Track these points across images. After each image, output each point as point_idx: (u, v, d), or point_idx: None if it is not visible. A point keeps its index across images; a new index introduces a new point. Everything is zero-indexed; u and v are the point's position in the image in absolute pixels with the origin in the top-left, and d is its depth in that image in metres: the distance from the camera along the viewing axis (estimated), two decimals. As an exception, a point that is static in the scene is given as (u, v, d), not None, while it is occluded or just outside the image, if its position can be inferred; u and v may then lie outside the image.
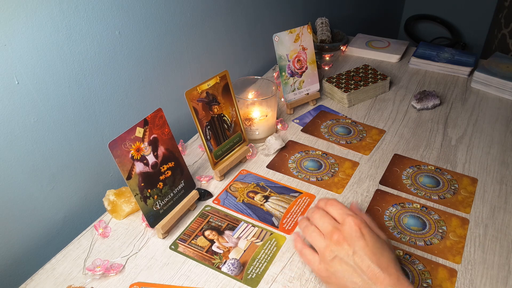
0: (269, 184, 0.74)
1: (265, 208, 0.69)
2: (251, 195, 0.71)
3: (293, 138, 0.85)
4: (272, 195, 0.71)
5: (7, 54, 0.54)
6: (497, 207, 0.68)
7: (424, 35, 2.42)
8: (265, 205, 0.69)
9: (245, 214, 0.68)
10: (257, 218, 0.67)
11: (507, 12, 1.51)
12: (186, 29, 0.82)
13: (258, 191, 0.72)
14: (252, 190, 0.72)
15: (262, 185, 0.73)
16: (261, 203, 0.70)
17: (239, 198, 0.71)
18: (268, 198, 0.71)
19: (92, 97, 0.68)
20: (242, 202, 0.70)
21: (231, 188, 0.73)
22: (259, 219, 0.67)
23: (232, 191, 0.72)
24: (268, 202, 0.70)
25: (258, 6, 1.04)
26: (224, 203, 0.70)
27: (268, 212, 0.68)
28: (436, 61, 1.09)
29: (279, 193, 0.72)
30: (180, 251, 0.62)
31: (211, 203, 0.70)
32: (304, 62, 0.91)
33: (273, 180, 0.74)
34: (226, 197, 0.71)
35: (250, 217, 0.67)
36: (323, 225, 0.54)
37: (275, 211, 0.68)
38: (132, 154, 0.58)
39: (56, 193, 0.66)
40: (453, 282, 0.57)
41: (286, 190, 0.72)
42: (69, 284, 0.57)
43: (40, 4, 0.56)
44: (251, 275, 0.58)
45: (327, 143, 0.84)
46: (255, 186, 0.73)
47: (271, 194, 0.72)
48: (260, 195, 0.71)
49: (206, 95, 0.70)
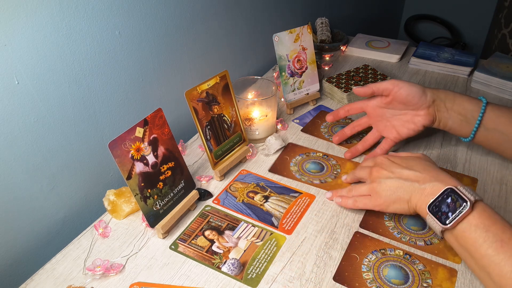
0: (269, 184, 0.74)
1: (265, 208, 0.69)
2: (251, 195, 0.71)
3: (293, 138, 0.85)
4: (272, 195, 0.71)
5: (7, 54, 0.54)
6: (497, 207, 0.68)
7: (424, 35, 2.42)
8: (265, 205, 0.69)
9: (244, 214, 0.68)
10: (257, 218, 0.67)
11: (507, 12, 1.51)
12: (186, 29, 0.82)
13: (258, 191, 0.72)
14: (252, 190, 0.72)
15: (262, 185, 0.73)
16: (261, 203, 0.70)
17: (239, 198, 0.71)
18: (268, 198, 0.71)
19: (92, 97, 0.68)
20: (242, 202, 0.70)
21: (231, 188, 0.73)
22: (258, 219, 0.67)
23: (232, 191, 0.72)
24: (268, 202, 0.70)
25: (258, 6, 1.04)
26: (224, 203, 0.70)
27: (268, 212, 0.68)
28: (436, 61, 1.09)
29: (279, 193, 0.72)
30: (180, 251, 0.62)
31: (211, 203, 0.70)
32: (304, 62, 0.91)
33: (273, 180, 0.74)
34: (226, 197, 0.71)
35: (250, 217, 0.67)
36: (363, 173, 0.67)
37: (275, 211, 0.68)
38: (132, 154, 0.58)
39: (56, 193, 0.66)
40: (453, 282, 0.57)
41: (286, 190, 0.72)
42: (69, 284, 0.57)
43: (40, 4, 0.56)
44: (251, 275, 0.58)
45: (327, 143, 0.84)
46: (255, 186, 0.73)
47: (271, 194, 0.72)
48: (260, 195, 0.71)
49: (206, 95, 0.70)
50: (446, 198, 0.54)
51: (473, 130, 0.70)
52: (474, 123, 0.69)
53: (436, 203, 0.55)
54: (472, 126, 0.70)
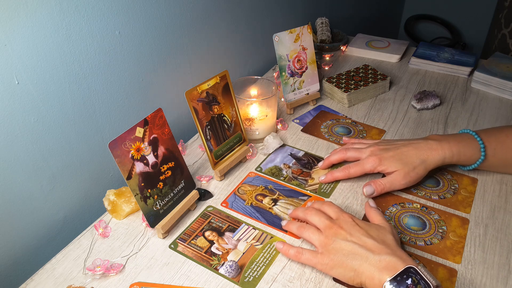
0: (278, 187, 0.73)
1: (273, 211, 0.68)
2: (260, 198, 0.71)
3: (293, 138, 0.85)
4: (280, 198, 0.71)
5: (7, 54, 0.54)
6: (497, 207, 0.68)
7: (424, 35, 2.42)
8: (274, 208, 0.69)
9: (253, 218, 0.67)
10: (266, 222, 0.66)
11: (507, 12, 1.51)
12: (186, 29, 0.82)
13: (266, 194, 0.72)
14: (260, 193, 0.72)
15: (271, 188, 0.73)
16: (269, 207, 0.69)
17: (247, 201, 0.70)
18: (277, 202, 0.70)
19: (92, 97, 0.68)
20: (250, 205, 0.70)
21: (239, 191, 0.72)
22: (267, 223, 0.66)
23: (240, 193, 0.72)
24: (276, 206, 0.69)
25: (258, 6, 1.04)
26: (232, 206, 0.69)
27: (276, 215, 0.68)
28: (436, 61, 1.09)
29: (288, 196, 0.71)
30: (179, 250, 0.62)
31: (218, 206, 0.70)
32: (304, 62, 0.91)
33: (281, 183, 0.74)
34: (234, 200, 0.70)
35: (259, 221, 0.67)
36: (320, 220, 0.60)
37: (284, 214, 0.68)
38: (132, 154, 0.58)
39: (56, 193, 0.66)
40: (453, 282, 0.57)
41: (294, 194, 0.72)
42: (69, 284, 0.57)
43: (40, 4, 0.56)
44: (248, 278, 0.58)
45: (327, 143, 0.84)
46: (263, 189, 0.73)
47: (279, 197, 0.71)
48: (269, 198, 0.71)
49: (206, 95, 0.70)
50: (406, 278, 0.49)
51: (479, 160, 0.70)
52: (479, 157, 0.70)
53: (394, 282, 0.49)
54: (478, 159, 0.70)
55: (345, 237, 0.56)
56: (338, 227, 0.57)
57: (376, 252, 0.53)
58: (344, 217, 0.59)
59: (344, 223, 0.58)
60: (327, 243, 0.56)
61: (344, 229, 0.57)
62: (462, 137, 0.70)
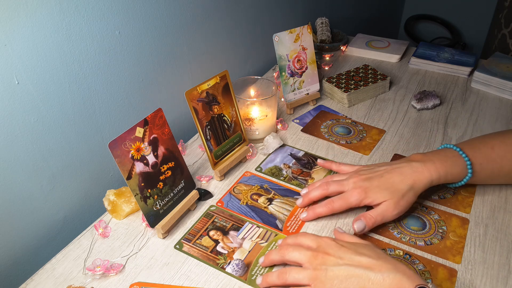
0: (273, 186, 0.73)
1: (269, 210, 0.69)
2: (255, 197, 0.71)
3: (293, 138, 0.85)
4: (276, 197, 0.71)
5: (7, 54, 0.54)
6: (497, 207, 0.68)
7: (424, 35, 2.42)
8: (269, 207, 0.69)
9: (249, 217, 0.67)
10: (261, 221, 0.67)
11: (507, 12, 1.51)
12: (186, 29, 0.82)
13: (262, 193, 0.72)
14: (256, 192, 0.72)
15: (266, 187, 0.73)
16: (265, 206, 0.69)
17: (242, 200, 0.70)
18: (272, 201, 0.70)
19: (92, 97, 0.68)
20: (245, 204, 0.70)
21: (235, 190, 0.72)
22: (263, 222, 0.66)
23: (235, 193, 0.72)
24: (272, 205, 0.70)
25: (258, 6, 1.04)
26: (227, 206, 0.69)
27: (272, 215, 0.68)
28: (436, 61, 1.09)
29: (283, 195, 0.71)
30: (185, 250, 0.62)
31: (216, 204, 0.70)
32: (304, 62, 0.91)
33: (276, 182, 0.74)
34: (230, 199, 0.71)
35: (254, 220, 0.67)
36: (301, 254, 0.54)
37: (279, 213, 0.68)
38: (132, 154, 0.58)
39: (56, 193, 0.66)
40: (453, 282, 0.57)
41: (290, 193, 0.72)
42: (69, 284, 0.57)
43: (40, 4, 0.56)
44: (255, 276, 0.58)
45: (327, 143, 0.84)
46: (259, 188, 0.73)
47: (275, 196, 0.71)
48: (264, 198, 0.71)
49: (206, 95, 0.70)
50: None
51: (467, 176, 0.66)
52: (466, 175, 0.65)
53: None
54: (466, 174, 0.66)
55: (335, 262, 0.51)
56: (323, 254, 0.52)
57: (377, 270, 0.49)
58: (326, 241, 0.54)
59: (328, 248, 0.53)
60: (318, 276, 0.51)
61: (331, 254, 0.52)
62: (447, 154, 0.65)
